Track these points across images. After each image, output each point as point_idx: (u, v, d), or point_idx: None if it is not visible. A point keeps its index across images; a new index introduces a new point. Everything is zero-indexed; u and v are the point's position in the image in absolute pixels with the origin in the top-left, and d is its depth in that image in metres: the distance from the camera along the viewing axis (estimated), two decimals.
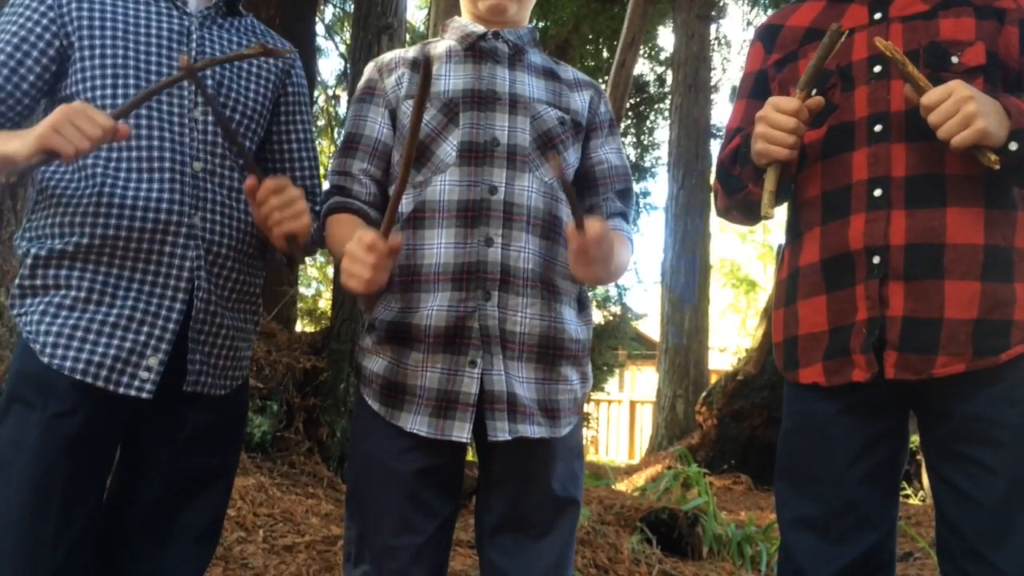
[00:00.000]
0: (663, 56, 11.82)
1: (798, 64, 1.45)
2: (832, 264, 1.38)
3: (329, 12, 10.43)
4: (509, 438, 1.36)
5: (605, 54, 10.34)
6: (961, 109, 1.21)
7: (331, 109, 10.95)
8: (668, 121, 9.47)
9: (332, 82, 11.04)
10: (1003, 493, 1.26)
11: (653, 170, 11.98)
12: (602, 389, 11.20)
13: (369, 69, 1.56)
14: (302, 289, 10.20)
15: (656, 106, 11.85)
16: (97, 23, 1.38)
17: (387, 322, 1.41)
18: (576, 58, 10.21)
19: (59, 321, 1.32)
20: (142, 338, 1.33)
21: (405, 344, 1.40)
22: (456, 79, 1.48)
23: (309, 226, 1.38)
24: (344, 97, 9.91)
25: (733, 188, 1.49)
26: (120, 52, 1.37)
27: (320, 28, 9.49)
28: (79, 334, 1.31)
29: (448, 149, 1.43)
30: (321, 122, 10.75)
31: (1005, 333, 1.28)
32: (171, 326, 1.35)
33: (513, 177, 1.43)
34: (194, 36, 1.44)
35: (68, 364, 1.29)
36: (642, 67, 11.44)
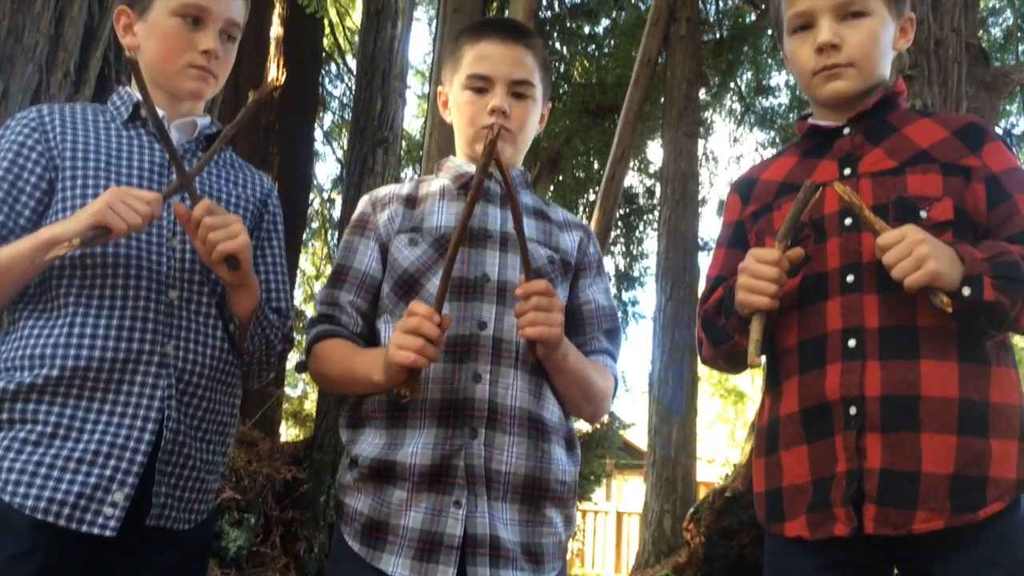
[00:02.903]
0: (652, 169, 12.10)
1: (773, 216, 1.49)
2: (811, 414, 1.38)
3: (328, 119, 10.72)
4: None
5: (596, 166, 10.58)
6: (914, 251, 1.24)
7: (326, 212, 11.11)
8: (656, 232, 9.60)
9: (328, 186, 11.26)
10: None
11: (642, 279, 12.09)
12: (589, 499, 10.95)
13: (363, 203, 1.58)
14: (288, 390, 10.09)
15: (645, 217, 12.05)
16: (80, 155, 1.41)
17: (370, 458, 1.39)
18: (568, 170, 10.45)
19: (23, 457, 1.29)
20: (108, 472, 1.30)
21: (388, 482, 1.38)
22: (449, 215, 1.50)
23: (248, 245, 1.37)
24: (339, 201, 10.06)
25: (719, 339, 1.50)
26: (102, 184, 1.39)
27: (318, 134, 9.75)
28: (43, 471, 1.28)
29: (438, 283, 1.44)
30: (315, 224, 10.88)
31: (981, 490, 1.27)
32: (139, 458, 1.32)
33: (503, 313, 1.43)
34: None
35: (29, 503, 1.26)
36: (632, 179, 11.69)
